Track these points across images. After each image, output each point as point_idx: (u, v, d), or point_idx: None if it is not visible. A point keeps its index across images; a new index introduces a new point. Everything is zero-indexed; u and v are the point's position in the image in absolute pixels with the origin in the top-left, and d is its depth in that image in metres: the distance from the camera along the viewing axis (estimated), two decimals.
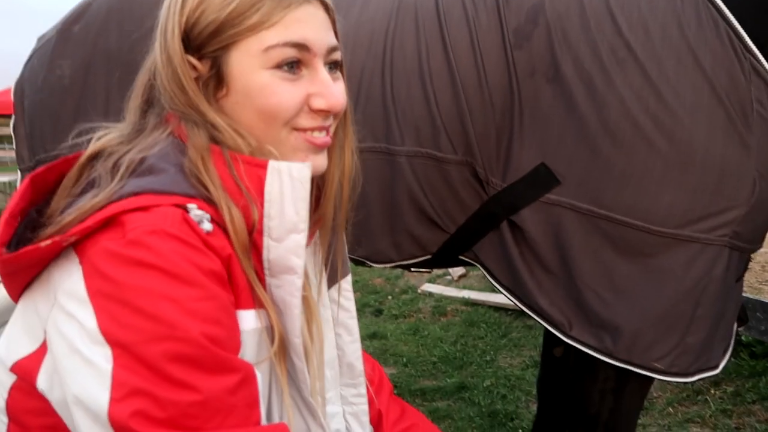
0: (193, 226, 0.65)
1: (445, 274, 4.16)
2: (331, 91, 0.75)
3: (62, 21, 1.68)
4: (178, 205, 0.66)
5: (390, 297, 3.98)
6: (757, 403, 2.44)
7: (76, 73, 1.58)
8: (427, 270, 1.68)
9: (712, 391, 2.53)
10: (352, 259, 1.57)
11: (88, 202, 0.67)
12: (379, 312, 3.76)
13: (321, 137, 0.76)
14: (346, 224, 0.88)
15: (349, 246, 1.53)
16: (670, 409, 2.46)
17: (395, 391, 1.04)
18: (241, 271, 0.70)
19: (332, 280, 0.89)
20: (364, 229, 1.48)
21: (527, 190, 1.35)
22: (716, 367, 1.34)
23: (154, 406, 0.59)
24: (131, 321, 0.60)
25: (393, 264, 1.55)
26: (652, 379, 1.36)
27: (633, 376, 1.34)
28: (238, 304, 0.69)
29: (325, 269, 0.88)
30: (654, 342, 1.29)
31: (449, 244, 1.48)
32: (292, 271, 0.71)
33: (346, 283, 0.91)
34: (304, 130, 0.75)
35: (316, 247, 0.87)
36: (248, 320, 0.70)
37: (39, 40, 1.75)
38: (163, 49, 0.74)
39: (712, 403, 2.45)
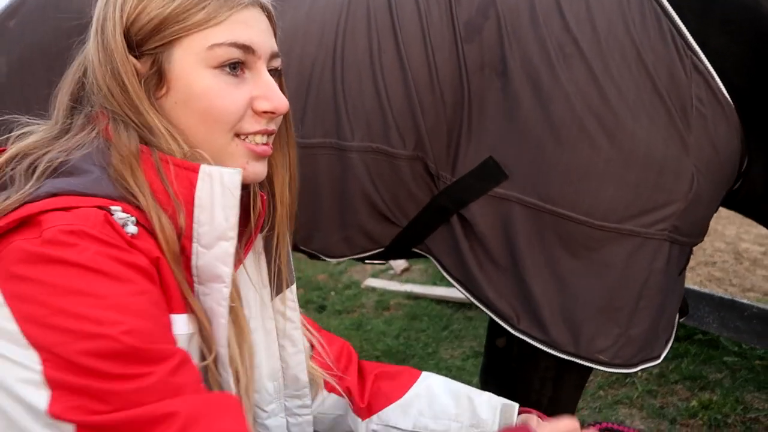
0: (116, 228, 0.63)
1: (388, 269, 4.20)
2: (276, 93, 0.75)
3: None
4: (100, 207, 0.64)
5: (333, 293, 3.98)
6: (679, 383, 2.61)
7: (12, 70, 1.53)
8: (381, 262, 1.70)
9: (639, 374, 2.69)
10: (306, 253, 1.57)
11: None
12: (322, 308, 3.76)
13: (261, 145, 0.76)
14: (290, 229, 0.87)
15: (302, 240, 1.53)
16: (601, 392, 2.59)
17: None
18: (171, 274, 0.68)
19: (277, 290, 0.88)
20: (315, 224, 1.48)
21: (476, 183, 1.37)
22: (658, 357, 1.38)
23: (96, 401, 0.57)
24: (55, 321, 0.58)
25: (346, 258, 1.56)
26: (591, 369, 1.40)
27: (573, 366, 1.38)
28: (170, 308, 0.67)
29: (273, 278, 0.86)
30: (597, 334, 1.32)
31: (401, 237, 1.49)
32: (219, 279, 0.70)
33: (291, 293, 0.89)
34: (247, 134, 0.75)
35: (260, 256, 0.86)
36: (180, 325, 0.68)
37: None
38: (102, 46, 0.72)
39: (638, 385, 2.60)
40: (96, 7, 0.74)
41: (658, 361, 1.39)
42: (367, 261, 1.62)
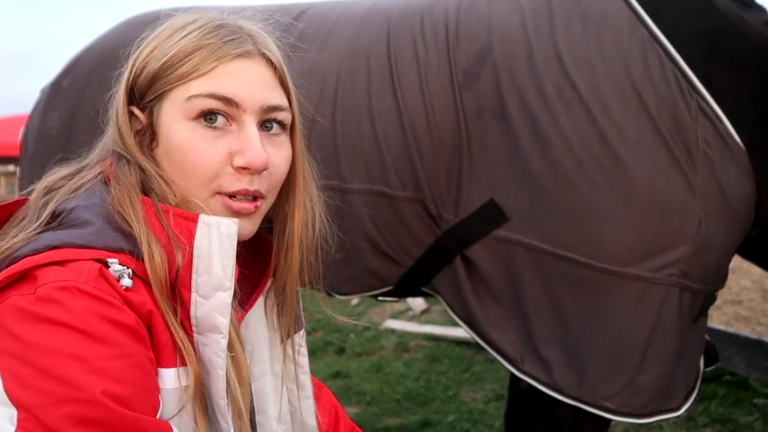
0: (111, 282, 0.63)
1: (407, 310, 4.18)
2: (252, 146, 0.71)
3: (56, 75, 1.79)
4: (97, 260, 0.64)
5: (352, 335, 3.97)
6: (708, 426, 2.53)
7: (64, 125, 1.66)
8: (394, 299, 1.70)
9: None
10: (317, 290, 1.59)
11: (7, 241, 0.66)
12: (341, 350, 3.75)
13: (240, 202, 0.73)
14: (301, 278, 0.86)
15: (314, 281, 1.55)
16: None
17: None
18: (163, 326, 0.66)
19: (286, 335, 0.88)
20: (323, 262, 1.50)
21: (477, 225, 1.38)
22: (677, 408, 1.33)
23: None
24: (35, 382, 0.57)
25: (355, 295, 1.57)
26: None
27: (591, 415, 1.34)
28: (159, 362, 0.66)
29: (281, 323, 0.87)
30: (603, 380, 1.30)
31: (408, 277, 1.51)
32: (216, 330, 0.69)
33: (299, 338, 0.89)
34: (228, 194, 0.72)
35: (270, 301, 0.87)
36: (169, 379, 0.66)
37: (41, 91, 1.86)
38: (114, 97, 0.76)
39: (666, 429, 2.53)
40: None
41: (678, 413, 1.33)
42: (380, 299, 1.63)
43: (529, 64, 1.36)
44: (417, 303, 4.17)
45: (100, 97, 1.70)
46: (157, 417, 0.64)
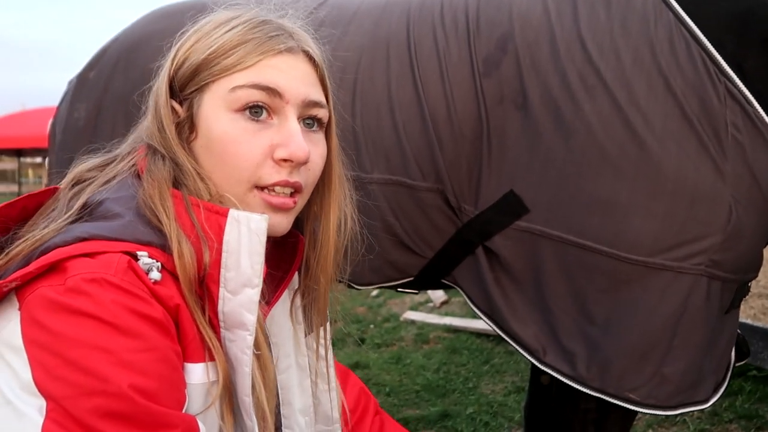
0: (139, 275, 0.64)
1: (427, 302, 4.18)
2: (295, 140, 0.72)
3: (83, 67, 1.82)
4: (127, 252, 0.64)
5: (372, 326, 3.97)
6: (734, 422, 2.48)
7: (90, 116, 1.69)
8: (414, 291, 1.69)
9: (691, 412, 2.57)
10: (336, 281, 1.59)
11: (38, 232, 0.67)
12: (361, 341, 3.76)
13: (278, 197, 0.74)
14: (332, 275, 0.87)
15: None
16: (650, 431, 2.49)
17: None
18: (191, 321, 0.67)
19: (311, 328, 0.89)
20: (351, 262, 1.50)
21: (498, 217, 1.36)
22: (705, 401, 1.30)
23: None
24: (63, 373, 0.58)
25: (374, 286, 1.56)
26: (635, 412, 1.34)
27: (614, 408, 1.32)
28: (187, 357, 0.66)
29: (308, 316, 0.88)
30: (626, 371, 1.27)
31: (429, 268, 1.49)
32: (243, 326, 0.69)
33: (324, 331, 0.90)
34: (267, 186, 0.73)
35: (296, 293, 0.87)
36: (196, 374, 0.67)
37: (69, 83, 1.89)
38: (154, 90, 0.77)
39: (690, 424, 2.49)
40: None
41: (705, 405, 1.30)
42: (400, 290, 1.62)
43: (552, 50, 1.33)
44: (437, 295, 4.16)
45: (124, 88, 1.71)
46: (183, 411, 0.64)
